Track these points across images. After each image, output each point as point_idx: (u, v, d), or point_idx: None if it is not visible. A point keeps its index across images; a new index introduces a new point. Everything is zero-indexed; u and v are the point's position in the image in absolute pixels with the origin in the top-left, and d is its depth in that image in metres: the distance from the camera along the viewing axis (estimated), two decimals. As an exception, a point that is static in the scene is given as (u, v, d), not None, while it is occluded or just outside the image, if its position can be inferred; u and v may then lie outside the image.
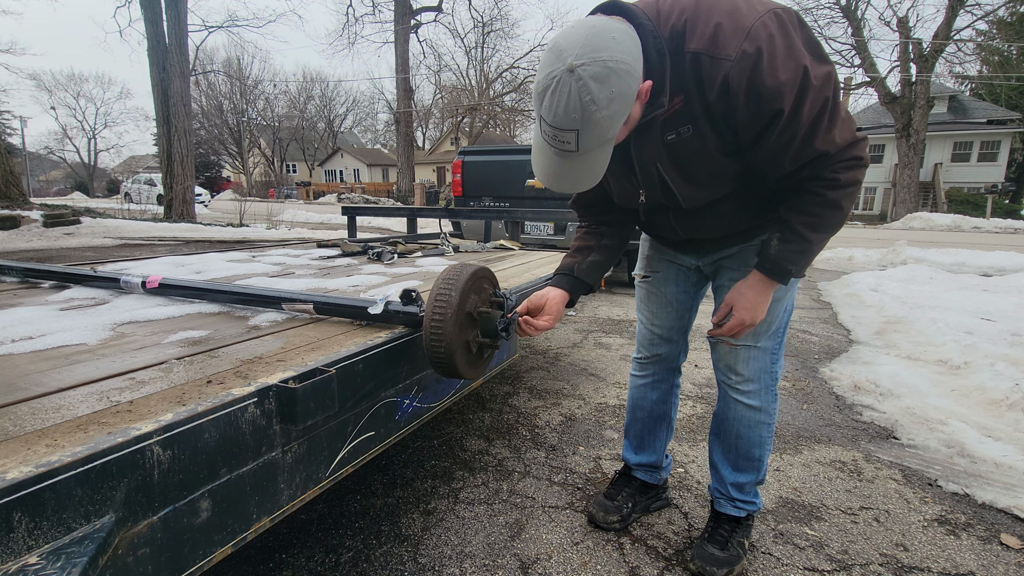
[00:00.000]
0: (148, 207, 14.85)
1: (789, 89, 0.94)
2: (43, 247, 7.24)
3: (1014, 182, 28.64)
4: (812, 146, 1.00)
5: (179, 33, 10.20)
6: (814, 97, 0.96)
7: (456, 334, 1.13)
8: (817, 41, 1.00)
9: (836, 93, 0.99)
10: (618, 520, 1.54)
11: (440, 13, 25.08)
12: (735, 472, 1.42)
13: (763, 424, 1.38)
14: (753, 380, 1.35)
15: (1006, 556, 1.47)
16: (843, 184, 1.04)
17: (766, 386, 1.36)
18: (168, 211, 11.10)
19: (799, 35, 0.97)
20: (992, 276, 6.43)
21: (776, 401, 1.38)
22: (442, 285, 1.13)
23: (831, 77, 0.98)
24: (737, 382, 1.36)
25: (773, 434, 1.41)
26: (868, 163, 1.06)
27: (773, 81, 0.93)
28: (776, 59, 0.94)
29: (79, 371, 1.01)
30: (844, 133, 1.01)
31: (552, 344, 3.44)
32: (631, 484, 1.62)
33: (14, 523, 0.59)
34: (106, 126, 55.35)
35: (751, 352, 1.33)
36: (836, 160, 1.02)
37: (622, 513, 1.55)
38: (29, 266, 2.01)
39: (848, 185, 1.04)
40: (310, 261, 2.59)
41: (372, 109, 50.88)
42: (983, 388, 2.55)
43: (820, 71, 0.96)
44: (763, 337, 1.32)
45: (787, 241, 1.12)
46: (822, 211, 1.07)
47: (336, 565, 1.38)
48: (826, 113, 0.98)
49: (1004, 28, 23.12)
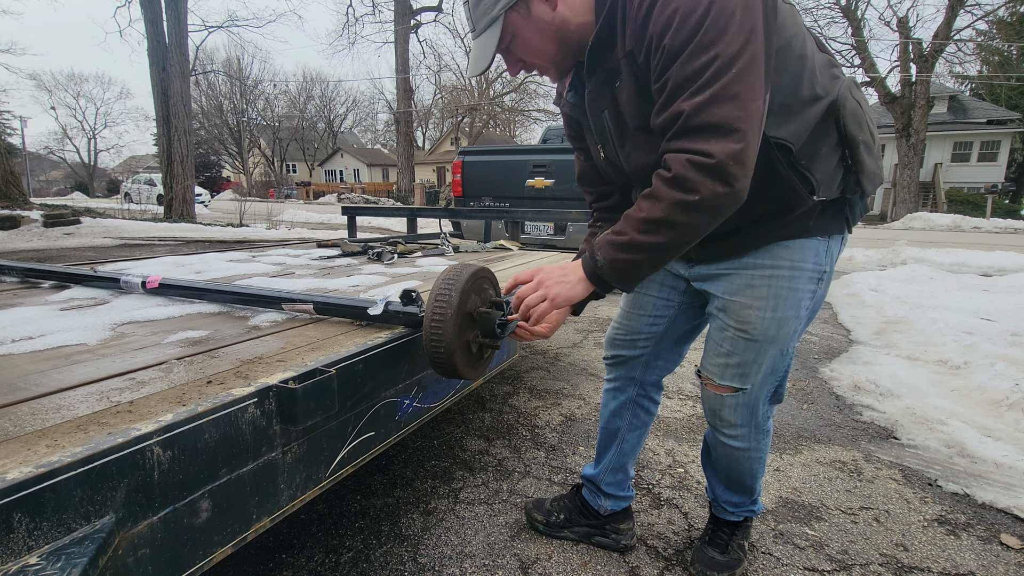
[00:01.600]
0: (148, 207, 14.86)
1: (683, 15, 0.79)
2: (43, 247, 7.24)
3: (1014, 182, 28.64)
4: (675, 101, 0.81)
5: (179, 33, 10.19)
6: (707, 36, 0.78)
7: (456, 334, 1.13)
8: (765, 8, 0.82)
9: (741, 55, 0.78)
10: (543, 523, 1.50)
11: (440, 13, 25.09)
12: (728, 491, 1.37)
13: (753, 459, 1.27)
14: (741, 425, 1.21)
15: (1006, 556, 1.47)
16: (672, 179, 0.81)
17: (755, 427, 1.22)
18: (168, 211, 11.10)
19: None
20: (992, 276, 6.43)
21: (767, 436, 1.25)
22: (442, 285, 1.13)
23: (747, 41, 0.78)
24: (722, 427, 1.23)
25: (765, 462, 1.30)
26: (725, 172, 0.78)
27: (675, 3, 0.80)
28: None
29: (79, 371, 1.01)
30: (720, 111, 0.78)
31: (552, 344, 3.44)
32: (573, 499, 1.50)
33: (14, 523, 0.59)
34: (106, 126, 55.39)
35: (738, 398, 1.17)
36: (683, 134, 0.81)
37: (548, 520, 1.49)
38: (29, 266, 2.01)
39: (677, 183, 0.81)
40: (310, 261, 2.59)
41: (372, 109, 50.91)
42: (983, 388, 2.55)
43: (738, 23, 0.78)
44: (751, 380, 1.15)
45: (616, 231, 0.92)
46: (648, 206, 0.85)
47: (336, 565, 1.38)
48: (711, 67, 0.78)
49: (1004, 28, 23.12)
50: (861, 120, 0.97)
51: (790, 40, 0.90)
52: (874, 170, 1.02)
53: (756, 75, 0.79)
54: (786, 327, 1.09)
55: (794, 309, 1.08)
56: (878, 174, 1.04)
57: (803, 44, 0.92)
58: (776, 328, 1.08)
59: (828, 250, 1.07)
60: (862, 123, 0.97)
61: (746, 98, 0.78)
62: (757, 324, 1.08)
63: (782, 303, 1.07)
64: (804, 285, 1.07)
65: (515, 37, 0.99)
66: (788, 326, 1.09)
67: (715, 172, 0.79)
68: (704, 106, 0.79)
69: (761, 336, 1.09)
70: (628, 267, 0.92)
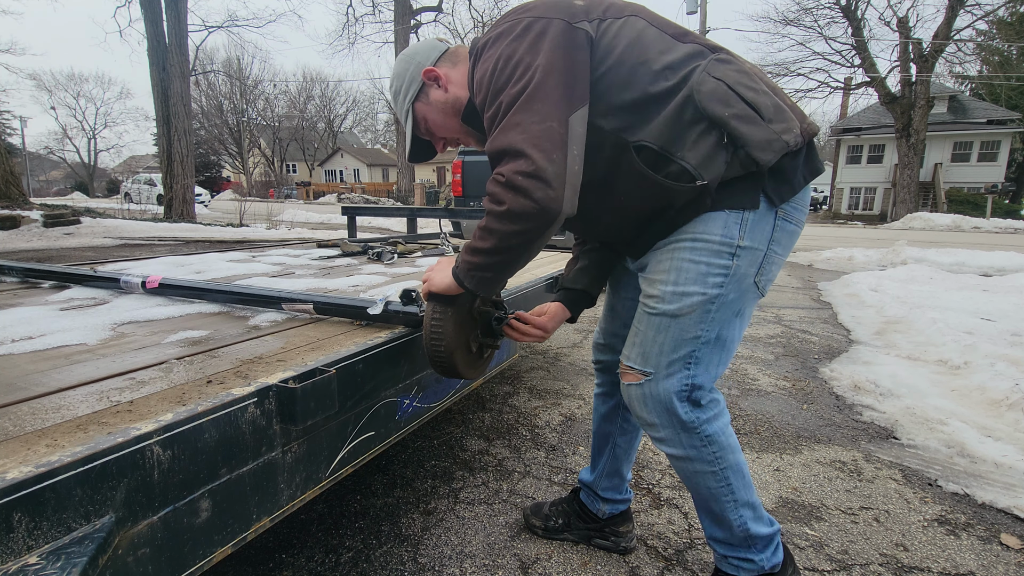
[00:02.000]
0: (148, 207, 14.86)
1: (487, 69, 0.99)
2: (43, 247, 7.24)
3: (1014, 182, 28.65)
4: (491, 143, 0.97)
5: (179, 33, 10.20)
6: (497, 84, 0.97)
7: (456, 334, 1.13)
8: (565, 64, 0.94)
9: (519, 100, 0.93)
10: (541, 528, 1.50)
11: (440, 13, 25.10)
12: (706, 520, 1.18)
13: (704, 475, 1.10)
14: (660, 425, 1.10)
15: (1006, 556, 1.47)
16: (487, 194, 0.96)
17: (682, 428, 1.08)
18: (168, 211, 11.10)
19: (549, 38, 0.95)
20: (992, 276, 6.43)
21: (710, 445, 1.09)
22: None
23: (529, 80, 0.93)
24: (644, 425, 1.14)
25: (730, 486, 1.11)
26: (517, 186, 0.90)
27: (490, 55, 1.00)
28: (500, 41, 0.99)
29: (79, 371, 1.01)
30: (504, 139, 0.93)
31: (552, 344, 3.44)
32: (571, 503, 1.50)
33: (14, 523, 0.59)
34: (106, 126, 55.40)
35: (644, 388, 1.09)
36: (493, 165, 0.97)
37: (547, 525, 1.49)
38: (29, 266, 2.01)
39: (489, 197, 0.95)
40: (310, 261, 2.59)
41: (372, 109, 50.94)
42: (983, 388, 2.55)
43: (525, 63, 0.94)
44: (652, 361, 1.07)
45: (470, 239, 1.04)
46: (483, 222, 0.98)
47: (336, 565, 1.38)
48: (499, 111, 0.96)
49: (1004, 28, 23.14)
50: (725, 96, 0.95)
51: (622, 56, 0.99)
52: (764, 137, 0.94)
53: (543, 103, 0.92)
54: (687, 302, 1.02)
55: (698, 284, 1.01)
56: (776, 139, 0.94)
57: (642, 51, 0.99)
58: (677, 302, 1.03)
59: (743, 224, 0.99)
60: (728, 99, 0.94)
61: (529, 123, 0.91)
62: (658, 296, 1.05)
63: (683, 275, 1.02)
64: (709, 259, 1.00)
65: (426, 121, 1.20)
66: (690, 301, 1.02)
67: (510, 187, 0.92)
68: (495, 140, 0.95)
69: (661, 309, 1.04)
70: (472, 269, 1.03)
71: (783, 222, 1.03)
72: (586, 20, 0.99)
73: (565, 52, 0.95)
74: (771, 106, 0.96)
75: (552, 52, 0.94)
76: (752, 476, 1.84)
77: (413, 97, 1.18)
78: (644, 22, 1.01)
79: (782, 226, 1.03)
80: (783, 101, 1.00)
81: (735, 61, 1.00)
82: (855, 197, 29.08)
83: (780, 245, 1.04)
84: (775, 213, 1.01)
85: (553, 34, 0.95)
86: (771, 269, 1.06)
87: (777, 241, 1.03)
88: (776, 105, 0.97)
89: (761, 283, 1.06)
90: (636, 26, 1.00)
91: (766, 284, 1.07)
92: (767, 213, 1.00)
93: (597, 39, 0.99)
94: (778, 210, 1.01)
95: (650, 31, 1.00)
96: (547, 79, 0.93)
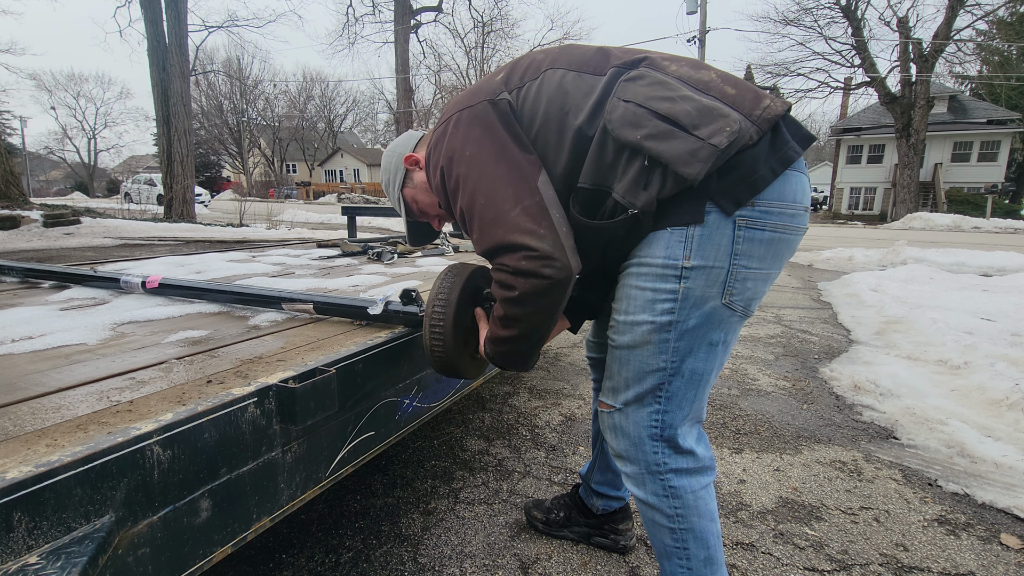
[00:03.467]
0: (148, 207, 14.85)
1: (437, 178, 1.02)
2: (43, 247, 7.23)
3: (1014, 182, 28.66)
4: (478, 247, 0.98)
5: (179, 33, 10.19)
6: (451, 192, 1.00)
7: (455, 333, 1.13)
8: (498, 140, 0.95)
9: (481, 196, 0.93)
10: (542, 521, 1.51)
11: (440, 13, 25.11)
12: (662, 564, 1.09)
13: (661, 527, 1.03)
14: (629, 460, 1.04)
15: (1006, 556, 1.47)
16: (497, 283, 0.96)
17: (648, 471, 1.02)
18: (168, 211, 11.10)
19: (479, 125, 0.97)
20: (992, 276, 6.43)
21: (673, 499, 1.01)
22: (441, 284, 1.13)
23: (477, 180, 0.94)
24: (613, 456, 1.08)
25: (687, 551, 1.02)
26: (523, 271, 0.90)
27: (435, 162, 1.03)
28: (439, 145, 1.02)
29: (79, 371, 1.01)
30: (490, 239, 0.93)
31: (552, 344, 3.44)
32: (572, 497, 1.51)
33: (14, 523, 0.59)
34: (106, 126, 55.26)
35: (614, 418, 1.04)
36: (488, 259, 0.97)
37: (548, 518, 1.51)
38: (29, 266, 2.01)
39: (500, 285, 0.94)
40: (310, 261, 2.59)
41: (372, 109, 50.89)
42: (983, 388, 2.55)
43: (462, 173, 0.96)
44: (620, 396, 1.02)
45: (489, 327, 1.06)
46: (496, 307, 1.00)
47: (336, 565, 1.38)
48: (468, 216, 0.96)
49: (1004, 28, 23.14)
50: (635, 118, 0.88)
51: (546, 113, 0.97)
52: (686, 149, 0.85)
53: (505, 189, 0.92)
54: (638, 332, 0.96)
55: (646, 312, 0.94)
56: (702, 146, 0.85)
57: (564, 102, 0.96)
58: (629, 332, 0.97)
59: (688, 241, 0.90)
60: (638, 120, 0.88)
61: (504, 215, 0.91)
62: (614, 327, 1.02)
63: (632, 303, 0.97)
64: (654, 284, 0.93)
65: (416, 202, 1.25)
66: (641, 331, 0.96)
67: (518, 273, 0.91)
68: (481, 243, 0.96)
69: (618, 341, 1.00)
70: (503, 355, 1.04)
71: (749, 231, 0.90)
72: (506, 91, 0.99)
73: (498, 131, 0.96)
74: (693, 111, 0.87)
75: (486, 137, 0.96)
76: (752, 476, 1.85)
77: (400, 184, 1.24)
78: (562, 71, 0.98)
79: (749, 236, 0.90)
80: (719, 95, 0.90)
81: (650, 74, 0.92)
82: (855, 197, 29.08)
83: (753, 258, 0.91)
84: (733, 223, 0.89)
85: (482, 119, 0.97)
86: (747, 287, 0.93)
87: (746, 254, 0.91)
88: (701, 108, 0.87)
89: (735, 303, 0.94)
90: (554, 79, 0.98)
91: (746, 304, 0.95)
92: (721, 225, 0.89)
93: (520, 106, 0.98)
94: (736, 219, 0.89)
95: (568, 77, 0.97)
96: (497, 167, 0.94)
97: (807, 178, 0.95)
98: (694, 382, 0.98)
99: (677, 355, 0.95)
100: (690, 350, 0.95)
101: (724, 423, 2.31)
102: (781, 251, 0.94)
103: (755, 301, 0.96)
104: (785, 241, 0.93)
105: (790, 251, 0.97)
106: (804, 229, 0.97)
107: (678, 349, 0.95)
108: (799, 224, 0.94)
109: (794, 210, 0.92)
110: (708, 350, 0.96)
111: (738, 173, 0.88)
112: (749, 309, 0.96)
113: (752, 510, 1.66)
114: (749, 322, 4.18)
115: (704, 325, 0.94)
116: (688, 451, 1.01)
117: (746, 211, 0.89)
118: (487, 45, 30.53)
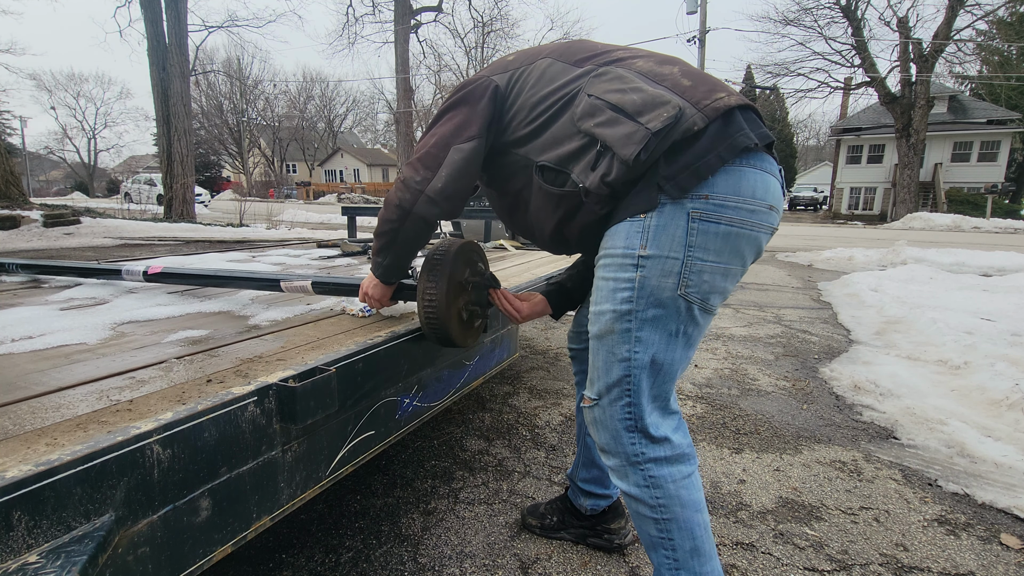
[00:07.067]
0: (148, 207, 14.82)
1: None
2: (43, 247, 7.23)
3: (1014, 182, 28.65)
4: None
5: (179, 33, 10.19)
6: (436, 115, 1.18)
7: (447, 302, 1.19)
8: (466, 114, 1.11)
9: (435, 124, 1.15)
10: (538, 527, 1.51)
11: (440, 13, 25.07)
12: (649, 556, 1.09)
13: (645, 518, 1.03)
14: (611, 452, 1.05)
15: (1006, 556, 1.47)
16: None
17: (629, 463, 1.02)
18: (168, 211, 11.09)
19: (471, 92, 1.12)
20: (992, 276, 6.43)
21: (654, 489, 1.01)
22: (434, 254, 1.20)
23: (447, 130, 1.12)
24: (599, 451, 1.09)
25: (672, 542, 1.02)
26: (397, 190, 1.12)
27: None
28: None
29: (79, 370, 1.01)
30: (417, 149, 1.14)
31: (552, 344, 3.44)
32: (564, 500, 1.50)
33: (14, 522, 0.59)
34: (106, 126, 55.24)
35: (594, 412, 1.05)
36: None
37: (543, 523, 1.50)
38: (40, 263, 2.03)
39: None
40: (310, 261, 2.59)
41: (372, 109, 50.90)
42: (983, 388, 2.55)
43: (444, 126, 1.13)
44: (596, 387, 1.04)
45: None
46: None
47: (336, 565, 1.38)
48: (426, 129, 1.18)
49: (1004, 28, 23.14)
50: (592, 109, 0.97)
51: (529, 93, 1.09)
52: (625, 132, 0.91)
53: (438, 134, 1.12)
54: (603, 321, 0.99)
55: (609, 301, 0.98)
56: (637, 130, 0.90)
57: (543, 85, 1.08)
58: (597, 322, 1.01)
59: (645, 231, 0.93)
60: (595, 111, 0.97)
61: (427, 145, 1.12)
62: (589, 319, 1.05)
63: (599, 294, 1.01)
64: (616, 273, 0.97)
65: None
66: (605, 320, 0.99)
67: (396, 184, 1.15)
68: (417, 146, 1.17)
69: (590, 332, 1.04)
70: (376, 257, 1.22)
71: (703, 223, 0.91)
72: (504, 72, 1.13)
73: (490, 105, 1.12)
74: (639, 100, 0.92)
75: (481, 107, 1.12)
76: (752, 476, 1.85)
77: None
78: (550, 60, 1.11)
79: (703, 228, 0.91)
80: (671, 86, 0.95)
81: (614, 71, 1.01)
82: (855, 197, 29.07)
83: (708, 251, 0.92)
84: (687, 215, 0.91)
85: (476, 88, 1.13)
86: (703, 279, 0.94)
87: (700, 247, 0.92)
88: (646, 97, 0.92)
89: (691, 295, 0.94)
90: (541, 66, 1.10)
91: (704, 296, 0.95)
92: (675, 214, 0.92)
93: (512, 84, 1.12)
94: (690, 211, 0.91)
95: (554, 66, 1.09)
96: (451, 119, 1.13)
97: (773, 178, 0.96)
98: (655, 372, 0.99)
99: (642, 345, 0.97)
100: (652, 340, 0.97)
101: (724, 423, 2.31)
102: (740, 246, 0.95)
103: (714, 295, 0.97)
104: (744, 236, 0.94)
105: (753, 248, 0.97)
106: (770, 227, 0.98)
107: (640, 339, 0.97)
108: (761, 221, 0.95)
109: (753, 206, 0.93)
110: (668, 340, 0.98)
111: (683, 160, 0.91)
112: (708, 303, 0.97)
113: (752, 510, 1.66)
114: (749, 322, 4.18)
115: (664, 317, 0.96)
116: (662, 439, 1.02)
117: (699, 204, 0.91)
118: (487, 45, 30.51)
